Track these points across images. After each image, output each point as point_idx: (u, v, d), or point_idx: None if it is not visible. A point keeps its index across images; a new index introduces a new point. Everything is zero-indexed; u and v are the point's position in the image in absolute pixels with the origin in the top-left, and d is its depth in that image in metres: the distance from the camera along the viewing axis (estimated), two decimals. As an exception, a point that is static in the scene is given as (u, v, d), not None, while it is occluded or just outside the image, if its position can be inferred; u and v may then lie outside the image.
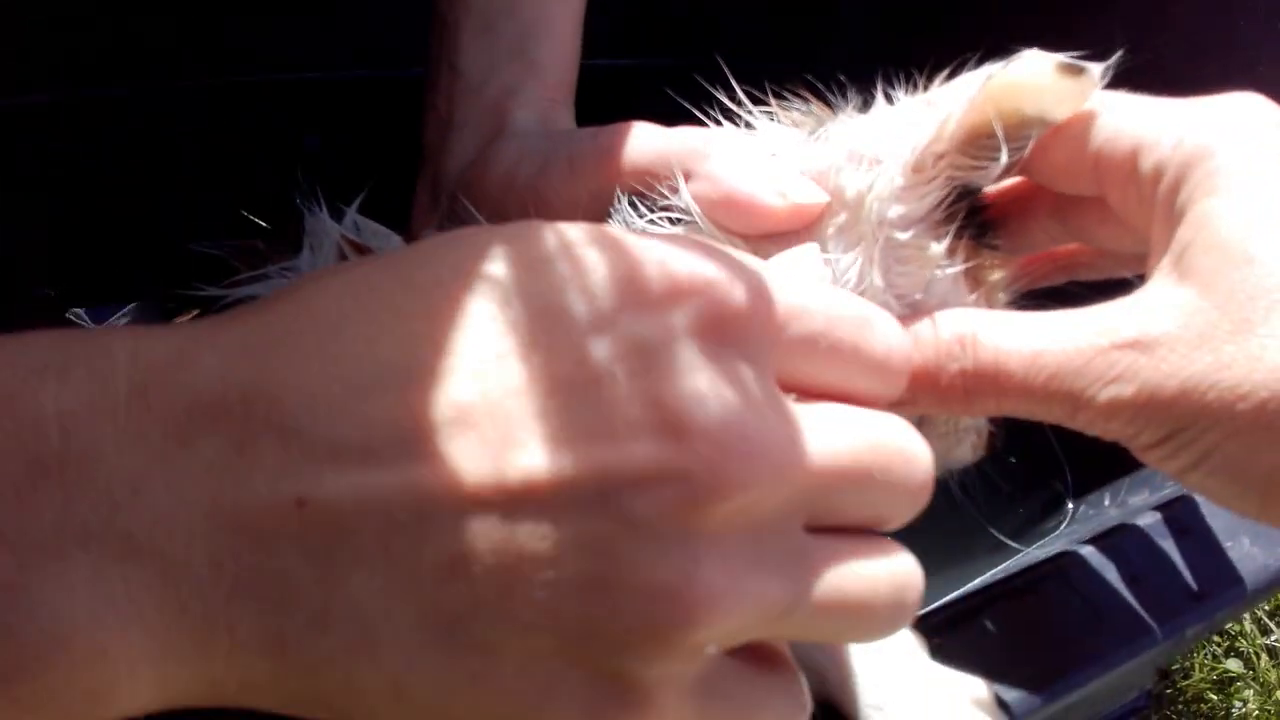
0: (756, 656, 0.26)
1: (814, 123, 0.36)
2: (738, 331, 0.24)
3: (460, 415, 0.22)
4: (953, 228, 0.34)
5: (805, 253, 0.33)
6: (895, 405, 0.33)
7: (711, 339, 0.24)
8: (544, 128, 0.44)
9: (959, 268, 0.34)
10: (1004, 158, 0.32)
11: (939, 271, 0.34)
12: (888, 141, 0.33)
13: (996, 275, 0.36)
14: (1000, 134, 0.32)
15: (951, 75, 0.34)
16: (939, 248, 0.34)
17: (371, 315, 0.24)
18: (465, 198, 0.42)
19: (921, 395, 0.33)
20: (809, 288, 0.26)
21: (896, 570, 0.26)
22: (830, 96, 0.36)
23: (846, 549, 0.25)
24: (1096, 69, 0.31)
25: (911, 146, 0.33)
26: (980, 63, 0.33)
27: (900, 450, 0.26)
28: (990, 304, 0.36)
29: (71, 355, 0.23)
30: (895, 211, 0.34)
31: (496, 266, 0.24)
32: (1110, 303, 0.31)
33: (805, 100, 0.36)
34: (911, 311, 0.34)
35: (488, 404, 0.23)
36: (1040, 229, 0.38)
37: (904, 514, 0.26)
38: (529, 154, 0.41)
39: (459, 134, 0.45)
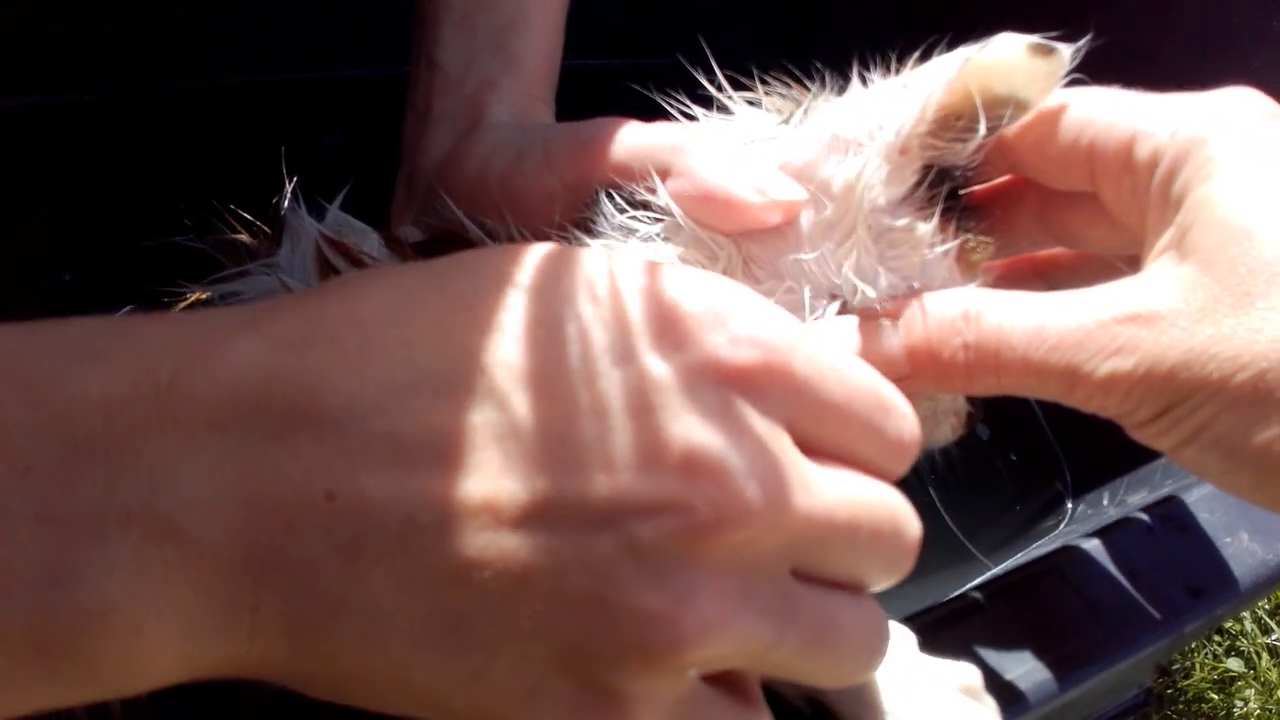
0: (733, 691, 0.27)
1: (794, 107, 0.36)
2: (756, 382, 0.25)
3: (488, 430, 0.24)
4: (937, 208, 0.34)
5: (845, 323, 0.33)
6: (894, 382, 0.33)
7: (731, 384, 0.25)
8: (521, 122, 0.44)
9: (948, 246, 0.35)
10: (979, 137, 0.33)
11: (929, 252, 0.34)
12: (867, 125, 0.34)
13: (977, 256, 0.36)
14: (980, 114, 0.32)
15: (923, 58, 0.34)
16: (927, 228, 0.34)
17: (412, 321, 0.25)
18: (440, 191, 0.41)
19: (922, 372, 0.33)
20: (836, 360, 0.27)
21: (870, 622, 0.27)
22: (812, 87, 0.36)
23: (828, 599, 0.26)
24: (1066, 50, 0.32)
25: (895, 130, 0.33)
26: (950, 46, 0.33)
27: (893, 516, 0.27)
28: (973, 283, 0.36)
29: (112, 341, 0.24)
30: (884, 197, 0.34)
31: (536, 289, 0.25)
32: (1111, 283, 0.31)
33: (787, 86, 0.36)
34: (911, 295, 0.34)
35: (515, 422, 0.24)
36: (1023, 231, 0.38)
37: (885, 578, 0.27)
38: (504, 146, 0.41)
39: (436, 128, 0.45)
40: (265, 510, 0.23)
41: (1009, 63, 0.32)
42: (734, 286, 0.27)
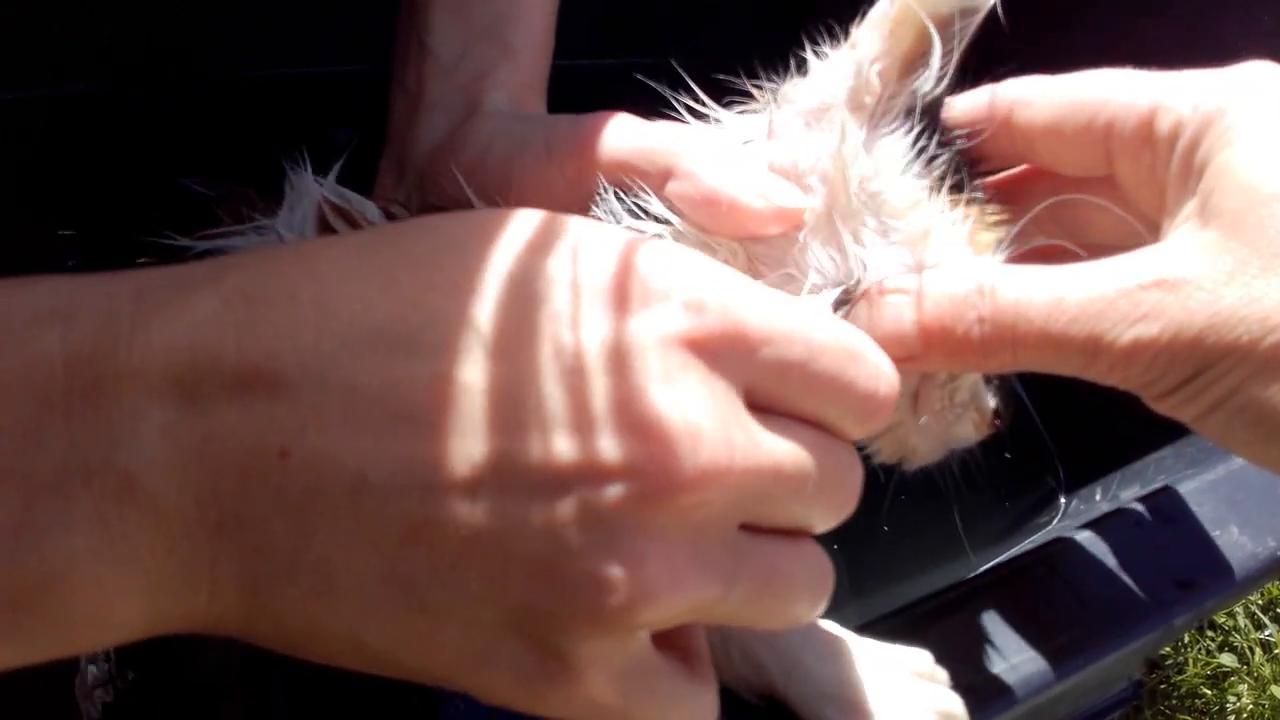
0: (681, 657, 0.27)
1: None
2: (709, 346, 0.25)
3: (442, 389, 0.24)
4: (936, 174, 0.34)
5: (814, 300, 0.33)
6: (906, 361, 0.32)
7: (683, 349, 0.25)
8: (518, 112, 0.44)
9: (956, 215, 0.34)
10: (937, 57, 0.33)
11: (937, 219, 0.34)
12: (829, 87, 0.34)
13: (989, 236, 0.35)
14: (934, 36, 0.33)
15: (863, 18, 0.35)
16: (924, 191, 0.34)
17: (369, 278, 0.25)
18: (434, 177, 0.41)
19: (935, 349, 0.32)
20: (797, 320, 0.26)
21: (813, 564, 0.27)
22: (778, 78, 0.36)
23: (774, 548, 0.27)
24: None
25: (855, 72, 0.33)
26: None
27: (838, 465, 0.27)
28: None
29: (78, 298, 0.24)
30: (871, 165, 0.34)
31: (495, 250, 0.25)
32: (1131, 252, 0.31)
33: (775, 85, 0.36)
34: (923, 271, 0.34)
35: (468, 382, 0.24)
36: (1033, 222, 0.37)
37: (830, 523, 0.28)
38: (504, 135, 0.41)
39: (429, 113, 0.44)
40: (220, 467, 0.23)
41: None
42: (688, 253, 0.27)
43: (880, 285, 0.33)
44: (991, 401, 0.38)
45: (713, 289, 0.26)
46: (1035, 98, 0.35)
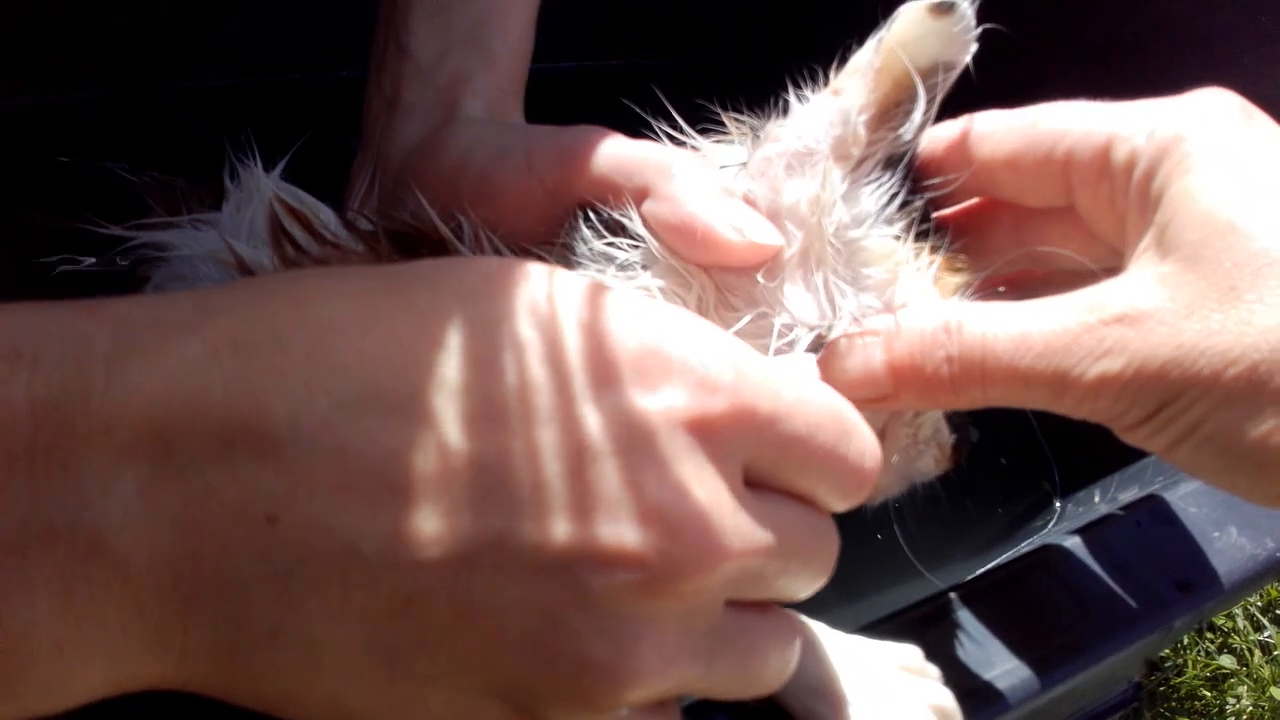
0: (655, 706, 0.27)
1: (751, 133, 0.36)
2: (718, 427, 0.24)
3: (442, 458, 0.22)
4: (906, 221, 0.34)
5: (806, 358, 0.33)
6: (877, 401, 0.33)
7: (694, 431, 0.24)
8: (495, 119, 0.44)
9: (923, 261, 0.34)
10: (921, 109, 0.33)
11: (905, 267, 0.34)
12: (812, 133, 0.34)
13: (955, 278, 0.36)
14: (919, 86, 0.33)
15: (842, 63, 0.35)
16: (896, 240, 0.34)
17: (366, 330, 0.23)
18: (411, 181, 0.40)
19: (905, 388, 0.32)
20: (799, 391, 0.26)
21: (787, 638, 0.28)
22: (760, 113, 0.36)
23: (752, 624, 0.27)
24: (964, 2, 0.32)
25: (843, 121, 0.33)
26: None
27: (819, 542, 0.27)
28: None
29: (42, 340, 0.22)
30: (847, 213, 0.34)
31: (502, 312, 0.24)
32: (1094, 285, 0.31)
33: (755, 114, 0.36)
34: (890, 313, 0.34)
35: (470, 452, 0.23)
36: (998, 250, 0.38)
37: (804, 595, 0.28)
38: (484, 142, 0.40)
39: (405, 115, 0.44)
40: (200, 532, 0.22)
41: (918, 33, 0.32)
42: (704, 326, 0.27)
43: (850, 330, 0.33)
44: (950, 436, 0.39)
45: (723, 366, 0.25)
46: (994, 132, 0.35)
